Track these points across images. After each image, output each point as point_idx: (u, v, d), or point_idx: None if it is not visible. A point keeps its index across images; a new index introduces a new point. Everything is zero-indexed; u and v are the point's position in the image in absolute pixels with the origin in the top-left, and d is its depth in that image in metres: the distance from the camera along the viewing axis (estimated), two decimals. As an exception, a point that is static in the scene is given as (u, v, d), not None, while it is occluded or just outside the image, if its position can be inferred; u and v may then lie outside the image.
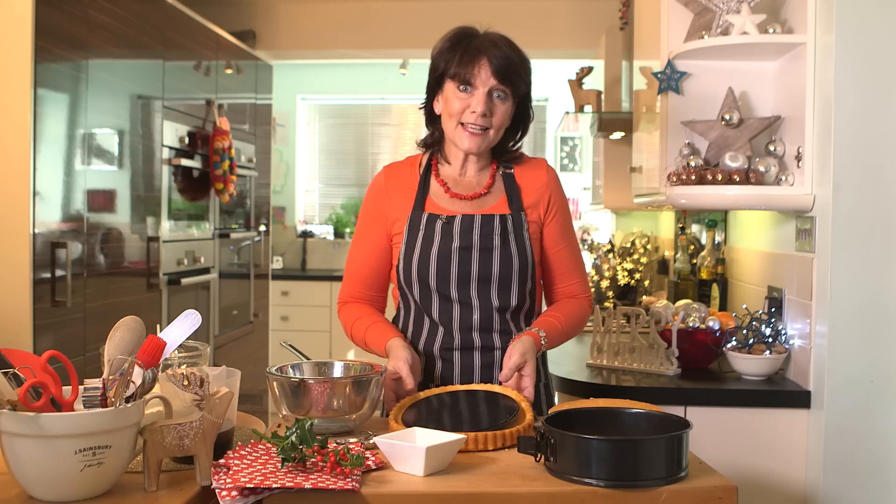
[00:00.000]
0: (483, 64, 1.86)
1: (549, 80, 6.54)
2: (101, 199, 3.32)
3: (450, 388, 1.85)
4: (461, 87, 1.88)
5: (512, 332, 1.94)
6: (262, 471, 1.39)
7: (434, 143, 2.01)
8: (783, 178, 2.39)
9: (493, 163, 2.00)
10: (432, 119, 2.00)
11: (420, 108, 2.02)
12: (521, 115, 1.98)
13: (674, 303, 2.89)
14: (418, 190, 1.98)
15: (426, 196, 1.97)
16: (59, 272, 2.98)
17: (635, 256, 4.39)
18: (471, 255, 1.90)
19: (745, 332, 2.50)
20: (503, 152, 2.00)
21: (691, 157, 2.44)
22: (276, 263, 6.90)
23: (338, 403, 1.62)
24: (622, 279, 4.22)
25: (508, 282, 1.91)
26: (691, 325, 2.60)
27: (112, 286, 3.38)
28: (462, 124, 1.90)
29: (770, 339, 2.47)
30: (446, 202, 1.96)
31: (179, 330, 1.51)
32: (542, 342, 1.88)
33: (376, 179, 2.05)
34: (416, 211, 1.95)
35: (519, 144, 2.04)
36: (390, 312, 2.04)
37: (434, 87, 1.96)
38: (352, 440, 1.60)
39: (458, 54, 1.88)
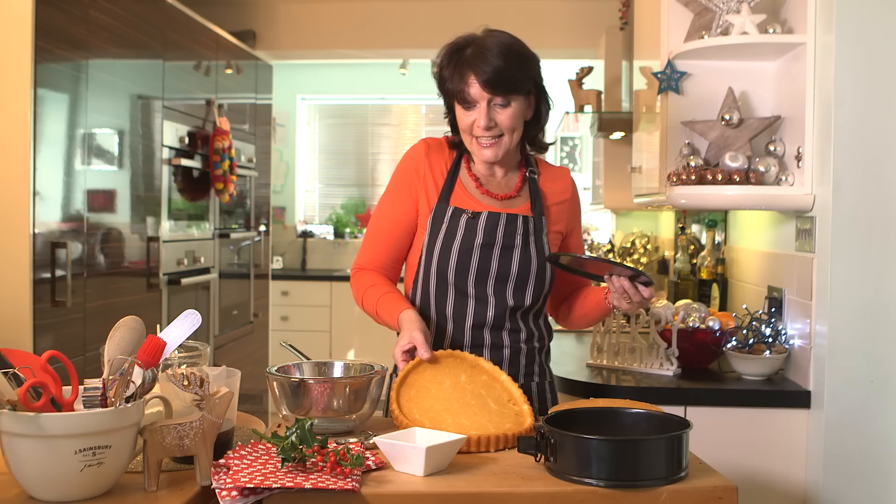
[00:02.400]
0: (472, 80, 1.85)
1: (549, 80, 6.53)
2: (101, 199, 3.32)
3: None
4: (463, 105, 1.89)
5: (521, 330, 1.95)
6: (262, 471, 1.40)
7: (460, 143, 2.01)
8: (783, 178, 2.39)
9: (522, 165, 2.02)
10: (456, 126, 1.99)
11: (445, 118, 2.02)
12: (539, 105, 1.98)
13: (674, 303, 2.89)
14: (446, 179, 1.98)
15: (453, 188, 1.97)
16: (59, 272, 2.98)
17: (635, 256, 4.39)
18: (492, 252, 1.91)
19: (745, 332, 2.50)
20: (530, 142, 2.02)
21: (691, 157, 2.44)
22: (276, 263, 6.90)
23: (338, 403, 1.62)
24: (622, 279, 4.21)
25: (525, 282, 1.93)
26: (691, 325, 2.60)
27: (112, 286, 3.38)
28: (475, 137, 1.91)
29: (770, 339, 2.47)
30: (477, 196, 1.97)
31: (179, 330, 1.51)
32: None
33: (416, 150, 2.02)
34: (440, 203, 1.95)
35: (549, 140, 2.06)
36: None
37: (447, 99, 1.96)
38: (352, 440, 1.60)
39: (451, 71, 1.89)
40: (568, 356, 2.82)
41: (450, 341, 1.94)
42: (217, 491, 1.34)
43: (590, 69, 4.22)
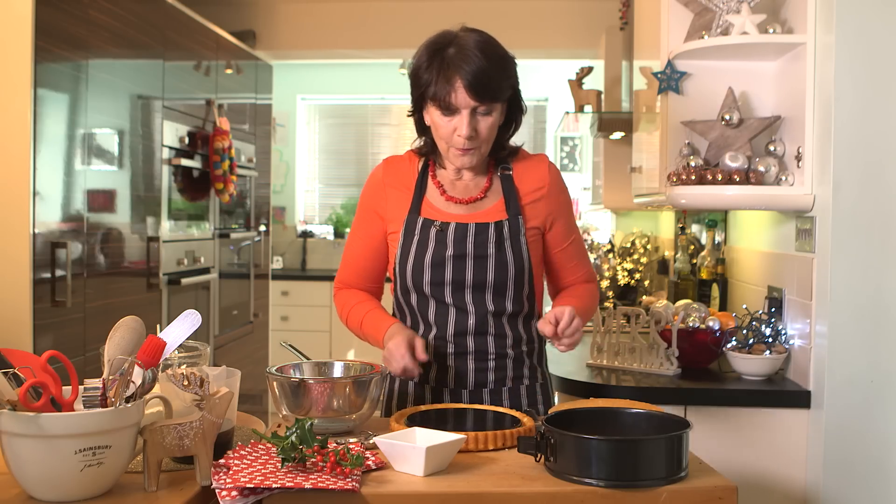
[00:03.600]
0: (458, 85, 1.80)
1: (549, 80, 6.54)
2: (101, 199, 3.32)
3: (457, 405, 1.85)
4: (444, 111, 1.84)
5: (507, 335, 1.92)
6: (262, 471, 1.40)
7: (429, 151, 1.98)
8: (783, 178, 2.39)
9: (491, 164, 1.97)
10: (423, 128, 1.96)
11: (409, 116, 1.97)
12: (513, 109, 1.93)
13: (674, 303, 2.89)
14: (415, 190, 1.96)
15: (423, 198, 1.95)
16: (59, 272, 2.98)
17: (635, 256, 4.39)
18: (465, 263, 1.88)
19: (745, 332, 2.50)
20: (500, 148, 1.96)
21: (691, 157, 2.44)
22: (276, 263, 6.90)
23: (338, 403, 1.62)
24: (622, 279, 4.22)
25: (504, 288, 1.89)
26: (691, 325, 2.60)
27: (112, 286, 3.38)
28: (453, 145, 1.87)
29: (770, 339, 2.47)
30: (442, 205, 1.94)
31: (179, 330, 1.51)
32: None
33: (375, 172, 2.03)
34: (411, 214, 1.93)
35: (521, 142, 2.02)
36: (386, 304, 2.03)
37: (419, 101, 1.91)
38: (352, 440, 1.60)
39: (434, 74, 1.82)
40: (568, 356, 2.81)
41: (433, 349, 1.92)
42: (217, 491, 1.34)
43: (590, 69, 4.22)
